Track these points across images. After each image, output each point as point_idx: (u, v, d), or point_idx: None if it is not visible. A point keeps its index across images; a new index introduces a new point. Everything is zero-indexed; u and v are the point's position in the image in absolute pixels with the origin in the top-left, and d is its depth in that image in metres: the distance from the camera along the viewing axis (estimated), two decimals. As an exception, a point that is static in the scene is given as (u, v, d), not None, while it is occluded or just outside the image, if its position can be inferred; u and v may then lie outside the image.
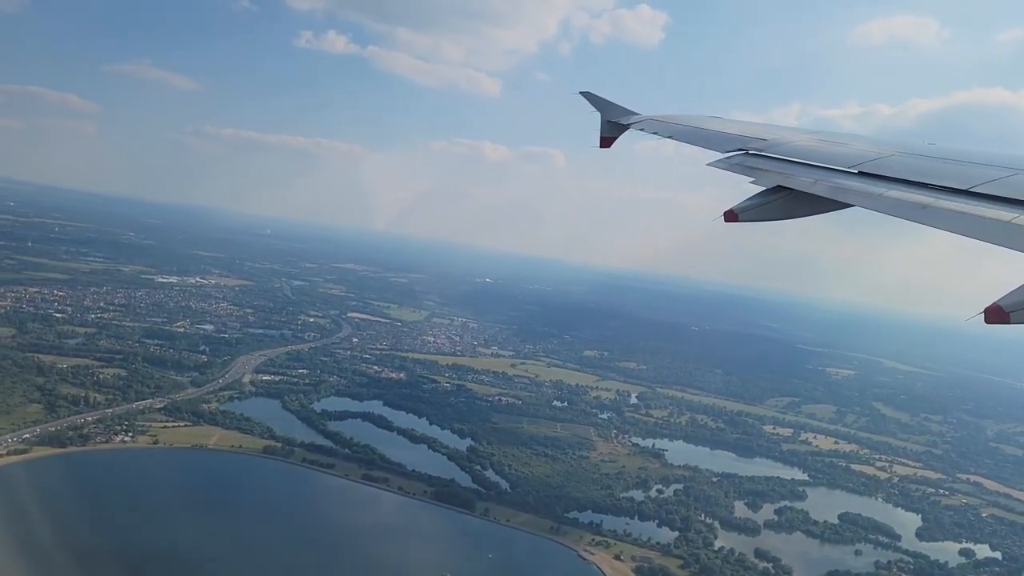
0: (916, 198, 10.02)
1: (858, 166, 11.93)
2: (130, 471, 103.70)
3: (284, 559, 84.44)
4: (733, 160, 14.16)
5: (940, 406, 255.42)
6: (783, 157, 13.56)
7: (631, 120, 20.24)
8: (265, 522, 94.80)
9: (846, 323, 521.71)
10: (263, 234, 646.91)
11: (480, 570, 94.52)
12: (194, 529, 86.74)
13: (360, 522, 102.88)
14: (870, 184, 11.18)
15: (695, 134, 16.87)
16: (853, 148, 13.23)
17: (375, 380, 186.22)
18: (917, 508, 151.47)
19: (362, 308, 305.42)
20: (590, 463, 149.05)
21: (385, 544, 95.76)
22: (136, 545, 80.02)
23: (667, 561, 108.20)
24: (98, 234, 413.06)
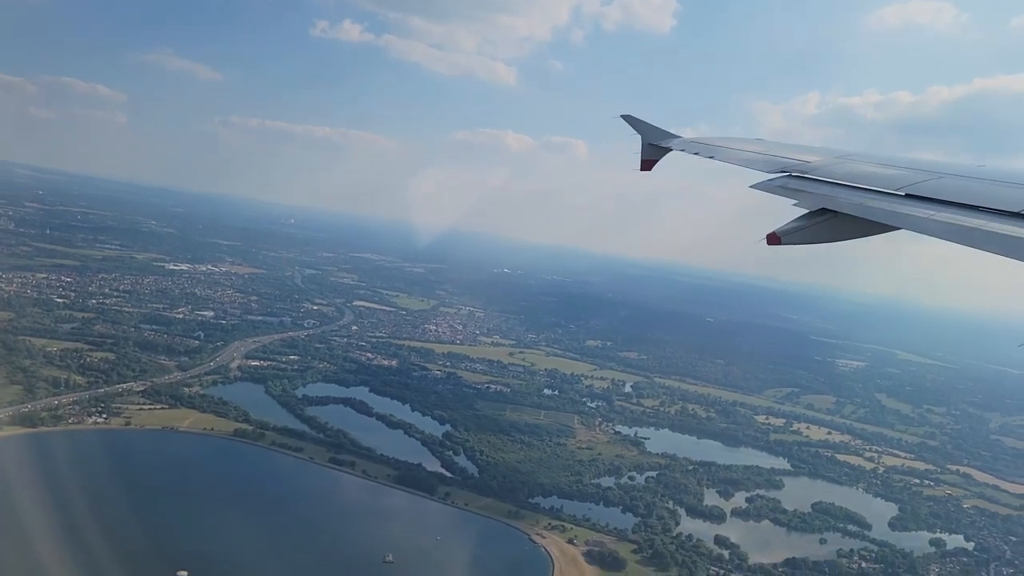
0: (965, 221, 9.86)
1: (905, 188, 11.78)
2: (90, 451, 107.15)
3: (213, 537, 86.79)
4: (776, 182, 14.18)
5: (945, 398, 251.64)
6: (827, 179, 13.57)
7: (672, 143, 20.50)
8: (207, 501, 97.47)
9: (868, 314, 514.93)
10: (286, 223, 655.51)
11: (424, 552, 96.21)
12: (128, 507, 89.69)
13: (312, 503, 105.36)
14: (917, 207, 11.03)
15: (738, 156, 17.00)
16: (900, 171, 13.23)
17: (365, 367, 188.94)
18: (897, 499, 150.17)
19: (370, 297, 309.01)
20: (566, 450, 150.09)
21: (332, 525, 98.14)
22: (66, 521, 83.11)
23: (621, 546, 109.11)
24: (118, 222, 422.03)
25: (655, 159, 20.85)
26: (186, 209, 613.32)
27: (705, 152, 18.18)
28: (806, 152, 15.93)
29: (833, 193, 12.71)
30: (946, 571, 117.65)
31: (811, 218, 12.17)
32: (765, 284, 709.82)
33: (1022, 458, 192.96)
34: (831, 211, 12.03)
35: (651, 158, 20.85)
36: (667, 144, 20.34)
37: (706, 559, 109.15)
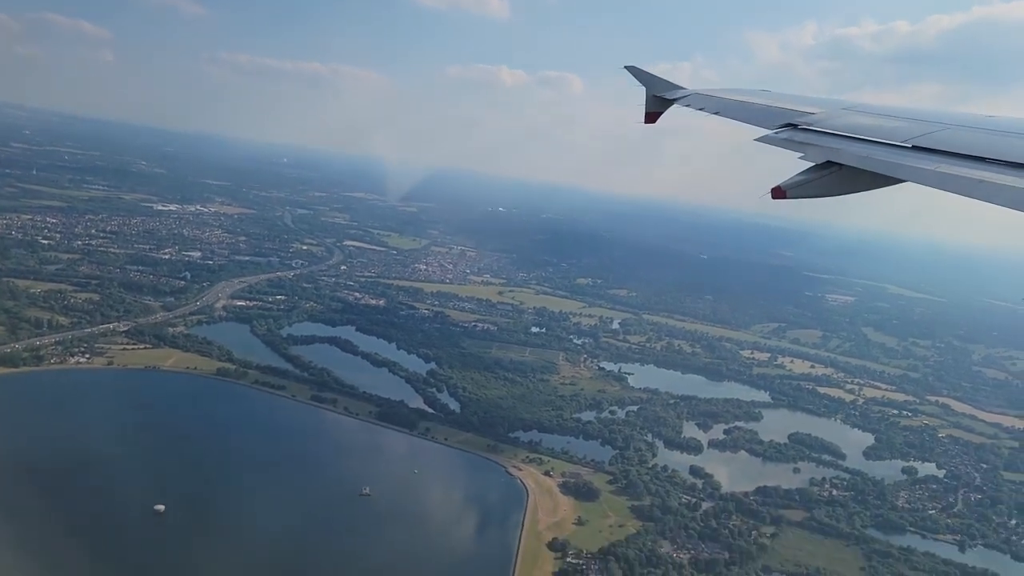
0: (971, 173, 9.79)
1: (911, 140, 11.72)
2: (70, 390, 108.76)
3: (190, 473, 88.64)
4: (781, 135, 13.99)
5: (931, 331, 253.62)
6: (833, 131, 13.41)
7: (677, 95, 20.18)
8: (186, 438, 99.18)
9: (862, 250, 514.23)
10: (279, 163, 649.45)
11: (401, 484, 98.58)
12: (106, 444, 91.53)
13: (292, 440, 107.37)
14: (923, 159, 10.95)
15: (742, 109, 16.85)
16: (906, 122, 13.08)
17: (352, 306, 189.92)
18: (874, 429, 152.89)
19: (361, 237, 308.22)
20: (549, 386, 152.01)
21: (311, 461, 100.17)
22: (43, 458, 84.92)
23: (596, 477, 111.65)
24: (107, 162, 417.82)
25: (660, 111, 20.55)
26: (177, 149, 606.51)
27: (710, 107, 17.91)
28: (811, 104, 15.74)
29: (839, 146, 12.58)
30: (915, 497, 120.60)
31: (817, 171, 12.05)
32: (762, 221, 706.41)
33: (1001, 388, 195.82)
34: (837, 164, 11.91)
35: (655, 110, 20.57)
36: (672, 96, 20.11)
37: (680, 489, 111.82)
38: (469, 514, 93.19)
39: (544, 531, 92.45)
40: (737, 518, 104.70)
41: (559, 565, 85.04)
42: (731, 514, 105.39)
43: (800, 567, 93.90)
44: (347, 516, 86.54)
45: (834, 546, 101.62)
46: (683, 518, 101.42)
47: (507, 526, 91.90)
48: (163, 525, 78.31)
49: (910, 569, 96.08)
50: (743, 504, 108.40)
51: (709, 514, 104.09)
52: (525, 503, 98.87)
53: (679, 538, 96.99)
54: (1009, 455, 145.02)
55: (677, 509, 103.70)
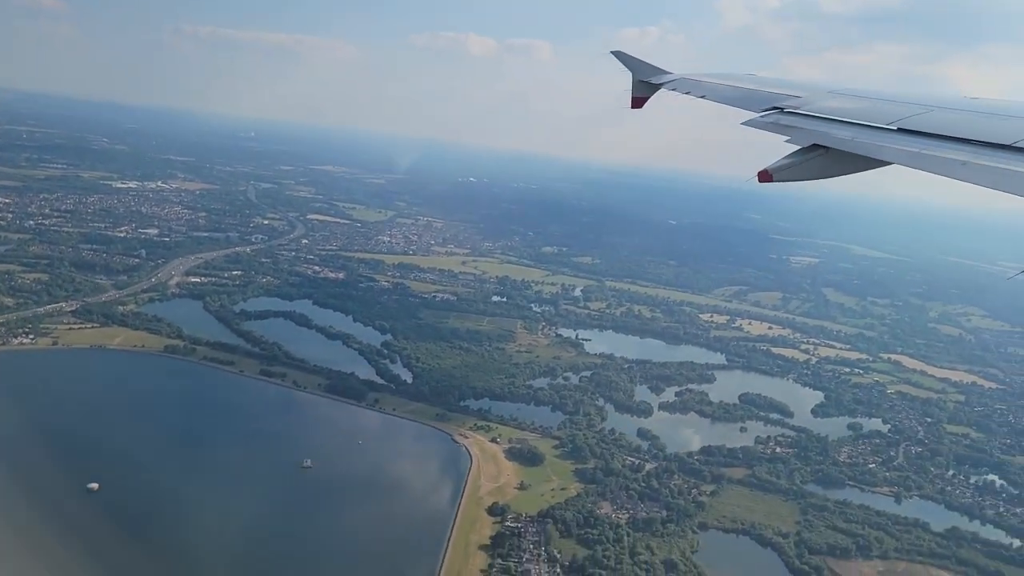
0: (955, 155, 9.92)
1: (896, 123, 11.79)
2: (9, 370, 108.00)
3: (127, 450, 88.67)
4: (767, 119, 14.08)
5: (890, 290, 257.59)
6: (819, 115, 13.48)
7: (663, 80, 20.11)
8: (125, 416, 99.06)
9: (832, 212, 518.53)
10: (246, 137, 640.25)
11: (344, 455, 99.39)
12: (41, 423, 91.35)
13: (235, 415, 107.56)
14: (908, 141, 11.05)
15: (730, 94, 16.86)
16: (890, 104, 13.27)
17: (310, 280, 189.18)
18: (824, 387, 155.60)
19: (325, 210, 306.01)
20: (504, 354, 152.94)
21: (253, 435, 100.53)
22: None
23: (543, 443, 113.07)
24: (67, 140, 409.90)
25: (646, 96, 20.55)
26: (140, 125, 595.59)
27: (696, 91, 18.01)
28: (797, 88, 15.86)
29: (825, 129, 12.68)
30: (857, 452, 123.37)
31: (803, 154, 12.13)
32: (736, 186, 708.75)
33: (954, 344, 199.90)
34: (822, 147, 12.01)
35: (642, 95, 20.58)
36: (658, 81, 20.13)
37: (625, 451, 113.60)
38: (410, 483, 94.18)
39: (485, 496, 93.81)
40: (679, 478, 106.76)
41: (497, 529, 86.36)
42: (673, 474, 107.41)
43: (736, 523, 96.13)
44: (285, 489, 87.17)
45: (773, 502, 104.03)
46: (625, 479, 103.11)
47: (448, 493, 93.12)
48: (97, 503, 78.47)
49: (843, 521, 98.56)
50: (686, 464, 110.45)
51: (651, 475, 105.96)
52: (468, 470, 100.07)
53: (619, 499, 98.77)
54: (954, 408, 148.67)
55: (620, 471, 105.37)
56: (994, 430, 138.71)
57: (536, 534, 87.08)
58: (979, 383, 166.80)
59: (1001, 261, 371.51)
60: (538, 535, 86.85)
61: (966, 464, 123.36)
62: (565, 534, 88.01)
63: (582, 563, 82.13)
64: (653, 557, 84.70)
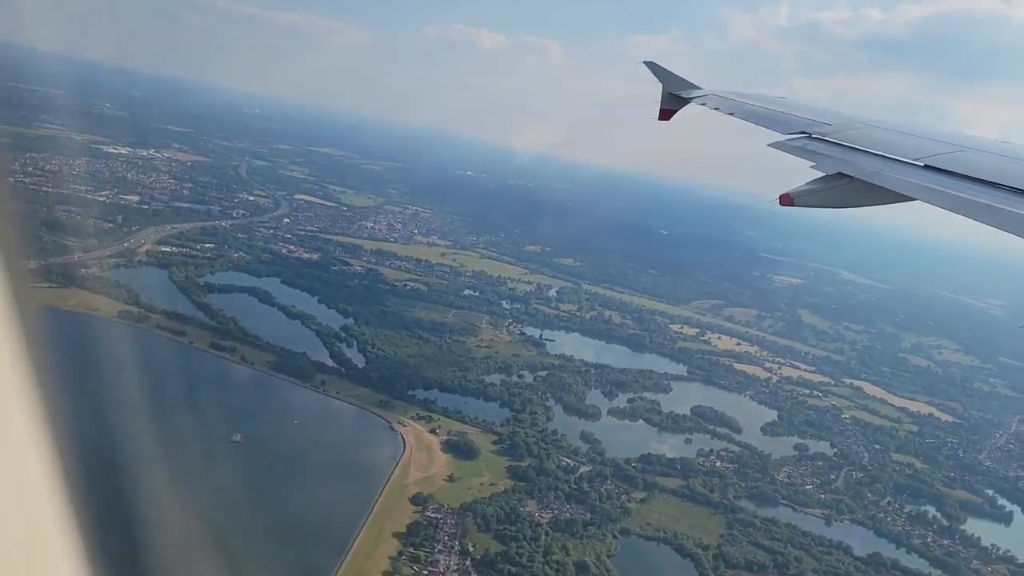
0: (982, 198, 9.78)
1: (924, 159, 11.67)
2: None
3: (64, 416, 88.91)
4: (795, 143, 14.11)
5: (867, 317, 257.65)
6: (847, 144, 13.46)
7: (693, 94, 20.13)
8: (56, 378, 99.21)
9: (832, 234, 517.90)
10: (251, 113, 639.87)
11: (276, 434, 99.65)
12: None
13: (173, 384, 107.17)
14: (935, 179, 10.89)
15: (759, 114, 16.93)
16: (920, 140, 13.26)
17: (282, 258, 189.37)
18: (779, 407, 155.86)
19: (315, 192, 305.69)
20: (463, 348, 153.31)
21: (187, 406, 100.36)
22: None
23: (482, 437, 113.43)
24: (68, 102, 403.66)
25: (675, 109, 20.50)
26: (146, 92, 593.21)
27: (725, 107, 18.04)
28: (827, 115, 15.83)
29: (851, 158, 12.66)
30: (797, 473, 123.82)
31: (827, 181, 12.06)
32: (741, 200, 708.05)
33: (921, 375, 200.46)
34: (847, 176, 11.93)
35: (671, 107, 20.52)
36: (688, 95, 20.11)
37: (563, 452, 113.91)
38: (336, 466, 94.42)
39: (410, 485, 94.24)
40: (612, 483, 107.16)
41: (415, 518, 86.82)
42: (607, 479, 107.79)
43: (659, 531, 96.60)
44: (206, 462, 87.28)
45: (701, 513, 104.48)
46: (556, 480, 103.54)
47: (372, 480, 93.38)
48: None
49: (767, 538, 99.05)
50: (621, 470, 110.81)
51: (584, 478, 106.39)
52: (399, 458, 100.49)
53: (546, 499, 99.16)
54: (905, 438, 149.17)
55: (553, 471, 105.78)
56: (940, 462, 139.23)
57: (454, 526, 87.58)
58: (936, 415, 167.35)
59: (988, 298, 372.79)
60: (456, 527, 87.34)
61: (904, 493, 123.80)
62: (484, 529, 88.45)
63: (493, 558, 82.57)
64: (567, 558, 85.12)
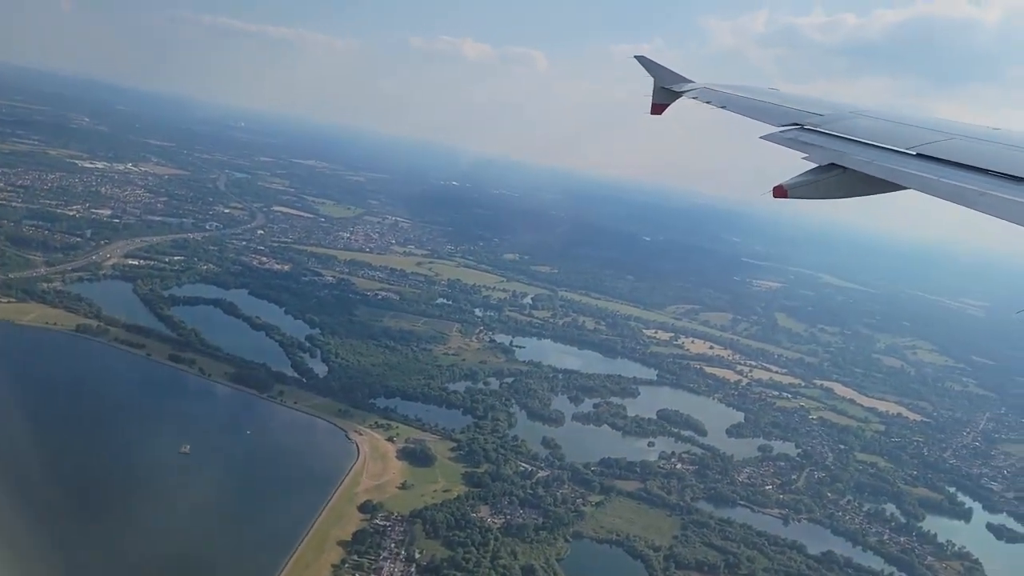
0: (973, 185, 9.78)
1: (916, 148, 11.70)
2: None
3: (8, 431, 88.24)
4: (787, 135, 14.07)
5: (843, 319, 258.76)
6: (839, 134, 13.44)
7: (684, 88, 20.09)
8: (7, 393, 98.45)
9: (815, 239, 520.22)
10: (235, 126, 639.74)
11: (227, 444, 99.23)
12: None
13: (125, 395, 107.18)
14: (927, 167, 10.91)
15: (751, 106, 16.84)
16: (911, 128, 13.25)
17: (252, 270, 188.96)
18: (747, 409, 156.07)
19: (293, 203, 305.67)
20: (430, 356, 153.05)
21: (139, 418, 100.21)
22: None
23: (441, 444, 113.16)
24: (47, 117, 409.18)
25: (666, 103, 20.51)
26: (129, 107, 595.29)
27: (717, 100, 18.03)
28: (818, 105, 15.90)
29: (843, 149, 12.64)
30: (759, 474, 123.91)
31: (820, 172, 12.02)
32: (727, 207, 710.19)
33: (893, 375, 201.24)
34: (840, 166, 11.90)
35: (662, 102, 20.52)
36: (680, 89, 20.09)
37: (522, 458, 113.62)
38: (286, 475, 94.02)
39: (360, 493, 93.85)
40: (568, 487, 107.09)
41: (362, 526, 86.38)
42: (563, 483, 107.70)
43: (612, 533, 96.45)
44: (151, 472, 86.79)
45: (657, 516, 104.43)
46: (512, 485, 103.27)
47: (321, 488, 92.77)
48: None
49: (721, 539, 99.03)
50: (579, 474, 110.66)
51: (540, 483, 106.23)
52: (351, 467, 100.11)
53: (500, 504, 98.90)
54: (870, 438, 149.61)
55: (509, 477, 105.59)
56: (904, 461, 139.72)
57: (403, 533, 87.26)
58: (904, 414, 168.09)
59: (966, 298, 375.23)
60: (404, 534, 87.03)
61: (865, 492, 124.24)
62: (432, 535, 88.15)
63: (439, 564, 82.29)
64: (515, 562, 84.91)
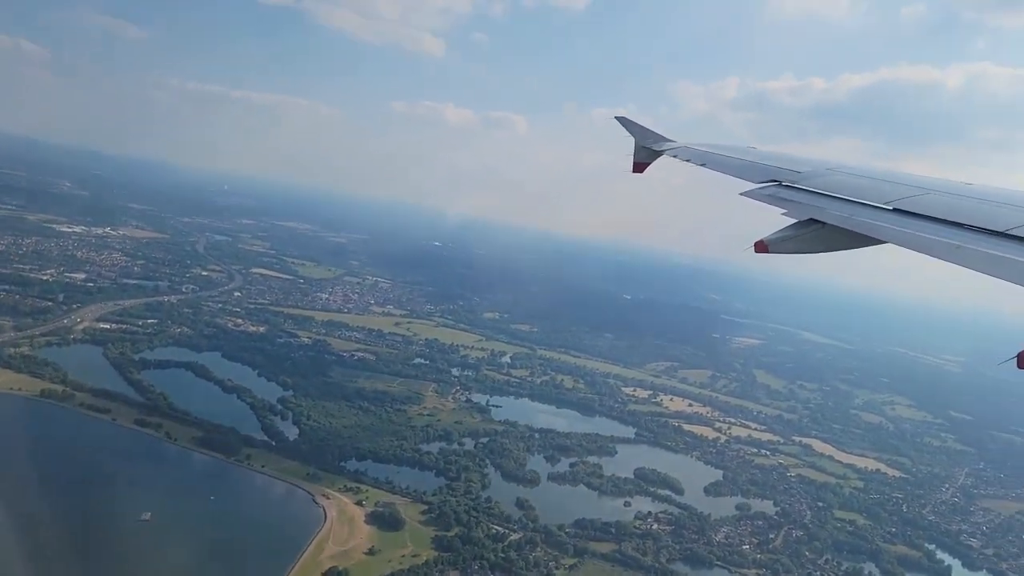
0: (948, 239, 10.02)
1: (893, 203, 11.95)
2: None
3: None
4: (766, 191, 14.32)
5: (822, 375, 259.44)
6: (817, 190, 13.68)
7: (665, 146, 20.45)
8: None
9: (796, 298, 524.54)
10: (219, 190, 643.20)
11: (189, 510, 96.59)
12: None
13: (87, 462, 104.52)
14: (904, 222, 11.18)
15: (729, 163, 17.16)
16: (888, 184, 13.51)
17: (227, 332, 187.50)
18: (726, 466, 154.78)
19: (272, 265, 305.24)
20: (404, 417, 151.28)
21: (99, 484, 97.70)
22: None
23: (412, 507, 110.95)
24: (28, 182, 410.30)
25: (647, 162, 20.89)
26: (111, 172, 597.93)
27: (697, 158, 18.31)
28: (795, 162, 16.22)
29: (822, 204, 12.90)
30: (736, 533, 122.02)
31: (799, 228, 12.26)
32: (710, 267, 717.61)
33: (872, 432, 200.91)
34: (819, 222, 12.14)
35: (643, 160, 20.89)
36: (660, 147, 20.48)
37: (495, 520, 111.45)
38: (249, 542, 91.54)
39: (325, 560, 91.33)
40: (541, 550, 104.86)
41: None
42: (536, 546, 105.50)
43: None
44: (108, 540, 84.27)
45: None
46: (483, 549, 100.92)
47: (286, 555, 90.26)
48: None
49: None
50: (553, 536, 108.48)
51: (512, 546, 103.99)
52: (316, 533, 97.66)
53: (470, 569, 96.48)
54: (849, 494, 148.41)
55: (481, 540, 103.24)
56: (883, 518, 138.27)
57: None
58: (883, 470, 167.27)
59: (944, 354, 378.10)
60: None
61: (844, 550, 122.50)
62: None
63: (404, 633, 79.80)
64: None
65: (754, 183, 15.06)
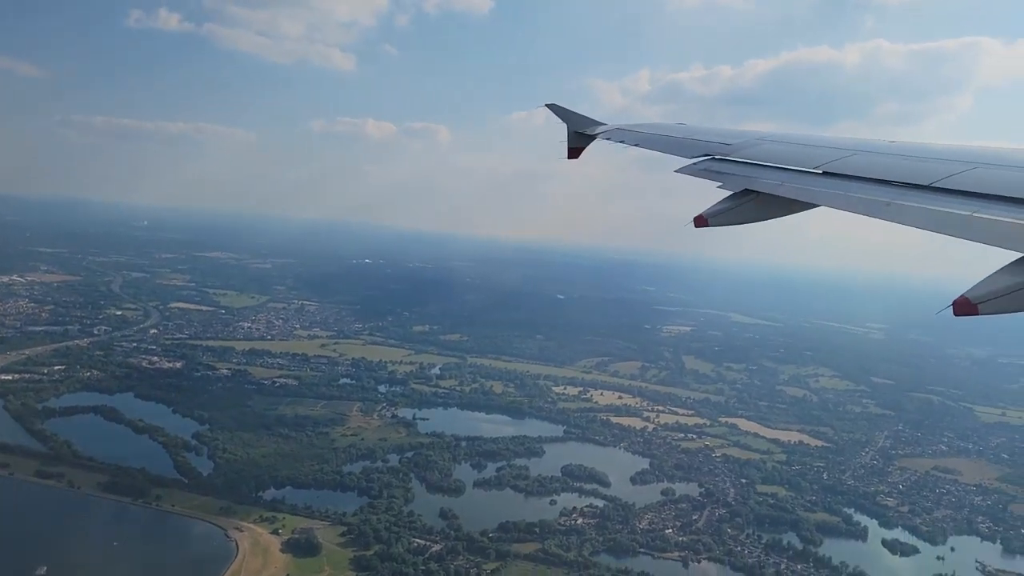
0: (878, 196, 10.23)
1: (822, 166, 12.13)
2: None
3: None
4: (700, 166, 14.32)
5: (748, 355, 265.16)
6: (749, 160, 13.79)
7: (597, 130, 20.25)
8: None
9: (729, 281, 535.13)
10: (138, 225, 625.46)
11: (90, 559, 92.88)
12: None
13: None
14: (834, 184, 11.40)
15: (663, 142, 17.06)
16: (816, 149, 13.50)
17: (140, 371, 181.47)
18: (652, 454, 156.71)
19: (192, 298, 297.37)
20: (326, 439, 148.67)
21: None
22: None
23: (330, 530, 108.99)
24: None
25: (581, 147, 20.85)
26: (19, 216, 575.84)
27: (630, 139, 18.24)
28: (728, 135, 16.18)
29: (755, 174, 13.06)
30: (660, 518, 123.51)
31: (735, 199, 12.41)
32: (642, 259, 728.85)
33: (795, 405, 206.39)
34: (754, 191, 12.30)
35: (577, 146, 20.86)
36: (592, 132, 20.35)
37: (416, 533, 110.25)
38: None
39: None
40: (464, 558, 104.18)
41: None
42: (459, 555, 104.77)
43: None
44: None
45: (555, 575, 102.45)
46: (403, 564, 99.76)
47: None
48: None
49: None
50: (475, 543, 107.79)
51: (433, 557, 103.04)
52: (227, 567, 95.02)
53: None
54: (772, 468, 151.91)
55: (401, 555, 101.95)
56: (804, 488, 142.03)
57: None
58: (806, 442, 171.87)
59: (868, 323, 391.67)
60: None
61: (765, 523, 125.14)
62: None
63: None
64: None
65: (688, 159, 15.39)
